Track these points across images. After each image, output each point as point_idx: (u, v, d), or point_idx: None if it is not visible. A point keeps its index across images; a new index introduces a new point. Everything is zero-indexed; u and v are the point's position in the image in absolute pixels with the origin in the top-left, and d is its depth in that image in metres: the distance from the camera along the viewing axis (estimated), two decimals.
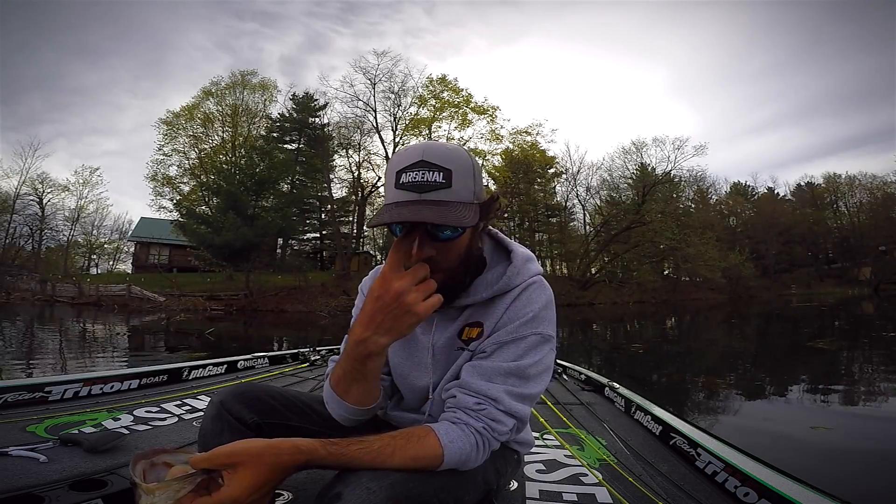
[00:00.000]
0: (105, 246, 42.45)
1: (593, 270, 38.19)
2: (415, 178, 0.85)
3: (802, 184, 58.45)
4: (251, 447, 0.70)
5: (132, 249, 39.02)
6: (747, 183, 58.74)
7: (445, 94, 34.55)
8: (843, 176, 54.20)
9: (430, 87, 34.51)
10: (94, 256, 42.58)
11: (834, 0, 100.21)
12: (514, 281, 1.00)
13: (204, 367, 2.81)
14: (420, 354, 1.07)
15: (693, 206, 45.00)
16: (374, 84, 33.69)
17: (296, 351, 3.60)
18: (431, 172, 0.86)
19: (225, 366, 2.95)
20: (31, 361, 6.72)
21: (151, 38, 77.60)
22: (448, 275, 0.91)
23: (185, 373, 2.67)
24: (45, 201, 36.25)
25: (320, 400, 1.17)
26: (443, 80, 34.53)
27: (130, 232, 39.50)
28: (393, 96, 34.22)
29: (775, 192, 58.79)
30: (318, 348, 3.81)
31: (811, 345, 8.47)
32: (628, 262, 39.39)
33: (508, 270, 1.00)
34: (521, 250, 1.05)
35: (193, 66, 75.14)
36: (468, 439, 0.86)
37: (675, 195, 38.90)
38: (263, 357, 3.29)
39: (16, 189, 34.67)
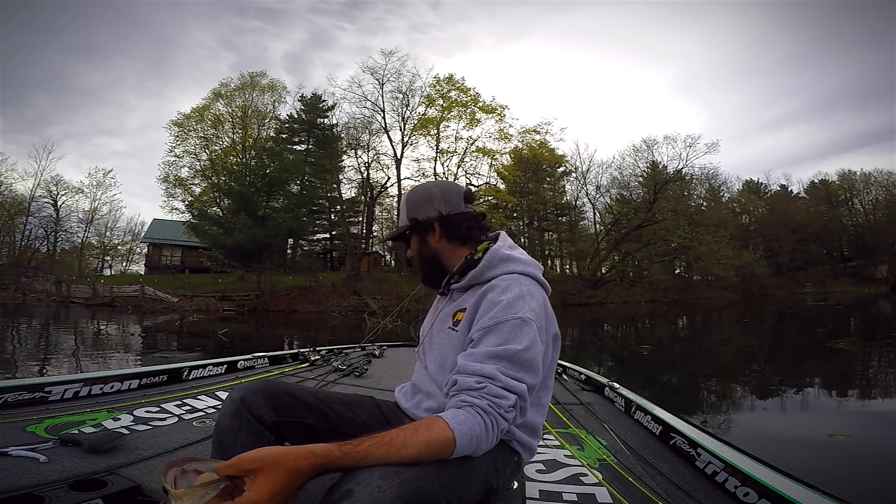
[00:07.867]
0: (118, 247, 43.01)
1: (604, 269, 37.90)
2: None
3: (816, 181, 57.39)
4: (270, 454, 0.75)
5: (145, 251, 39.48)
6: (760, 180, 57.94)
7: (453, 93, 34.57)
8: (859, 173, 53.25)
9: (438, 87, 34.55)
10: (108, 258, 43.19)
11: None
12: (486, 274, 1.17)
13: (204, 366, 2.80)
14: (426, 331, 1.31)
15: (705, 204, 44.39)
16: (382, 84, 33.91)
17: (296, 351, 3.59)
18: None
19: (225, 366, 2.94)
20: (46, 361, 6.82)
21: (155, 36, 77.76)
22: (419, 265, 1.30)
23: (186, 373, 2.67)
24: (59, 203, 36.67)
25: (336, 398, 1.24)
26: (450, 79, 34.57)
27: (143, 233, 39.99)
28: (401, 96, 34.37)
29: (789, 189, 57.90)
30: (318, 348, 3.81)
31: (829, 345, 8.29)
32: (639, 261, 38.98)
33: (481, 263, 1.19)
34: (500, 251, 1.21)
35: (198, 65, 75.79)
36: (475, 419, 0.90)
37: (686, 193, 38.47)
38: (263, 357, 3.28)
39: (31, 191, 35.17)
